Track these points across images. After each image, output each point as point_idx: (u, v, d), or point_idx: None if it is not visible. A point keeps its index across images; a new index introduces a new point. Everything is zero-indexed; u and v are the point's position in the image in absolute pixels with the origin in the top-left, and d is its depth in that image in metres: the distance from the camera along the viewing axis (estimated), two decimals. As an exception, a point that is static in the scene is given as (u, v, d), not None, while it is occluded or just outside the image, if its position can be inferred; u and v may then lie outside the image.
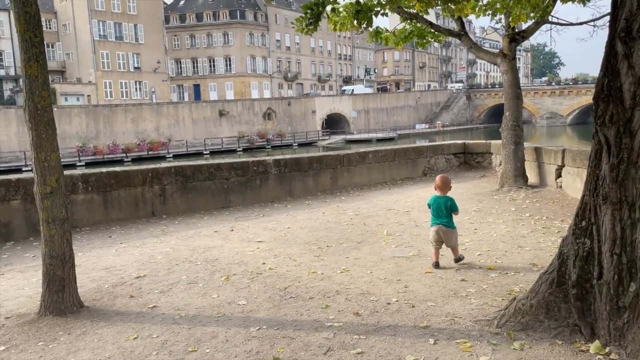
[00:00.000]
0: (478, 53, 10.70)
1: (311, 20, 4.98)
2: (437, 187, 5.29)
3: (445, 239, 5.11)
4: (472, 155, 13.37)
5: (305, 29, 5.20)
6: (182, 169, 8.38)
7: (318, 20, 5.05)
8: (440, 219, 5.15)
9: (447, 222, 5.14)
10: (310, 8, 4.93)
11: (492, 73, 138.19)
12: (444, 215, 5.16)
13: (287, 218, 8.00)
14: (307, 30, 5.22)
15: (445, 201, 5.20)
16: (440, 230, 5.10)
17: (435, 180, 5.40)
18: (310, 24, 5.03)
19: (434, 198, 5.28)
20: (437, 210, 5.19)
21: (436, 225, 5.14)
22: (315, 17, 4.93)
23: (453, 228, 5.18)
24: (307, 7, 4.98)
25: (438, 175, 5.45)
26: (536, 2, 4.85)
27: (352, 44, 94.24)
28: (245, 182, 9.15)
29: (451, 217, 5.20)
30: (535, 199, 8.66)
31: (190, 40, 72.30)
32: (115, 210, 7.73)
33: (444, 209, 5.17)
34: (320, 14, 4.95)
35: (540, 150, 9.76)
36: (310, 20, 4.97)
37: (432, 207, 5.26)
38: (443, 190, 5.27)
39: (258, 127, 60.41)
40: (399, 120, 78.16)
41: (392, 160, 11.88)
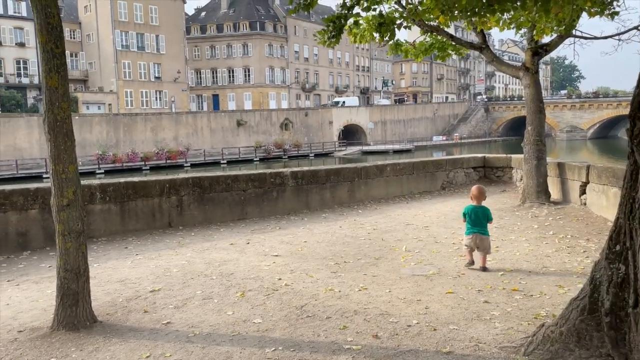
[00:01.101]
0: (499, 66, 10.54)
1: (333, 33, 4.90)
2: (474, 196, 5.71)
3: (481, 246, 5.51)
4: (492, 170, 13.14)
5: (327, 41, 5.12)
6: (199, 180, 8.35)
7: (340, 33, 4.97)
8: (477, 227, 5.54)
9: (483, 230, 5.55)
10: (332, 21, 4.86)
11: (511, 86, 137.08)
12: (481, 224, 5.55)
13: (303, 231, 7.90)
14: (329, 43, 5.15)
15: (483, 210, 5.62)
16: (478, 238, 5.49)
17: (471, 191, 5.85)
18: (332, 37, 4.96)
19: (471, 207, 5.65)
20: (476, 218, 5.56)
21: (473, 233, 5.53)
22: (337, 30, 4.86)
23: (488, 235, 5.60)
24: (330, 20, 4.91)
25: (474, 186, 5.91)
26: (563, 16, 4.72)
27: (370, 55, 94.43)
28: (262, 193, 9.09)
29: (486, 226, 5.61)
30: (559, 216, 8.42)
31: (211, 50, 73.19)
32: (132, 220, 7.71)
33: (482, 217, 5.58)
34: (342, 27, 4.87)
35: (564, 165, 9.53)
36: (333, 33, 4.89)
37: (468, 215, 5.61)
38: (479, 200, 5.67)
39: (275, 137, 60.64)
40: (416, 132, 77.82)
41: (411, 173, 11.73)
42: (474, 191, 5.74)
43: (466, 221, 5.66)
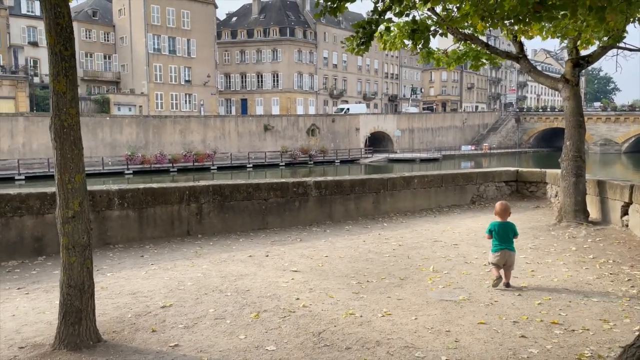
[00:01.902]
0: (537, 77, 10.04)
1: (363, 40, 4.57)
2: (498, 213, 5.62)
3: (509, 262, 5.42)
4: (525, 184, 12.57)
5: (356, 48, 4.80)
6: (220, 188, 8.12)
7: (370, 40, 4.64)
8: (505, 244, 5.45)
9: (511, 246, 5.49)
10: (362, 27, 4.52)
11: (544, 97, 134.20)
12: (509, 240, 5.47)
13: (325, 245, 7.57)
14: (358, 50, 4.81)
15: (510, 226, 5.56)
16: (507, 254, 5.41)
17: (495, 207, 5.75)
18: (362, 44, 4.62)
19: (497, 224, 5.56)
20: (504, 234, 5.48)
21: (501, 250, 5.42)
22: (367, 36, 4.53)
23: (514, 251, 5.52)
24: (359, 26, 4.56)
25: (498, 202, 5.79)
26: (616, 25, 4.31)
27: (400, 63, 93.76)
28: (284, 203, 8.80)
29: (513, 241, 5.54)
30: (598, 237, 7.88)
31: (240, 55, 73.80)
32: (150, 227, 7.52)
33: (509, 233, 5.51)
34: (372, 34, 4.54)
35: (604, 184, 8.96)
36: (362, 39, 4.56)
37: (495, 232, 5.51)
38: (503, 216, 5.59)
39: (301, 142, 60.57)
40: (444, 141, 76.73)
41: (439, 186, 11.28)
42: (498, 207, 5.67)
43: (492, 238, 5.55)
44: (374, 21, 4.42)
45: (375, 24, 4.42)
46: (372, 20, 4.44)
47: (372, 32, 4.51)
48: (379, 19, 4.41)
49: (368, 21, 4.49)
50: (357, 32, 4.59)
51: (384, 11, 4.34)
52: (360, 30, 4.54)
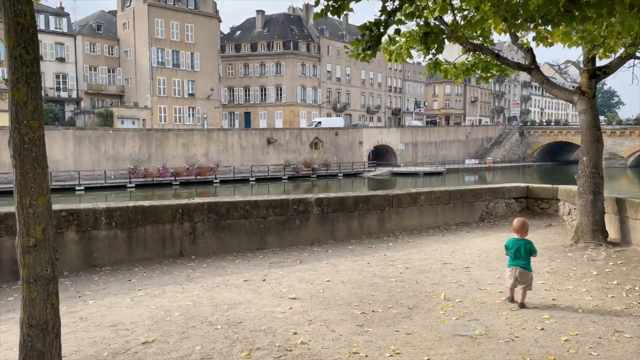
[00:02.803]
0: (551, 89, 9.58)
1: (370, 44, 4.10)
2: (515, 230, 5.49)
3: (521, 280, 5.28)
4: (536, 201, 12.06)
5: (361, 54, 4.33)
6: (215, 206, 7.65)
7: (378, 44, 4.17)
8: (517, 261, 5.33)
9: (524, 264, 5.32)
10: (369, 29, 4.05)
11: (547, 110, 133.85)
12: (522, 258, 5.33)
13: (327, 267, 7.07)
14: (364, 56, 4.34)
15: (525, 244, 5.39)
16: (517, 271, 5.28)
17: (512, 224, 5.63)
18: (368, 49, 4.15)
19: (512, 240, 5.45)
20: (517, 252, 5.36)
21: (513, 266, 5.33)
22: (374, 40, 4.06)
23: (530, 270, 5.34)
24: (365, 28, 4.08)
25: (516, 219, 5.65)
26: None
27: (403, 76, 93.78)
28: (284, 221, 8.32)
29: (529, 260, 5.38)
30: (620, 260, 7.35)
31: (244, 69, 73.91)
32: (139, 248, 7.04)
33: (523, 251, 5.35)
34: (381, 37, 4.08)
35: (624, 202, 8.44)
36: (369, 44, 4.10)
37: (510, 249, 5.42)
38: (521, 233, 5.45)
39: (304, 156, 60.23)
40: (447, 155, 76.28)
41: (447, 203, 10.78)
42: (515, 224, 5.56)
43: (508, 255, 5.49)
44: (382, 23, 3.96)
45: (384, 25, 3.96)
46: (379, 22, 3.98)
47: (380, 35, 4.05)
48: (388, 20, 3.95)
49: (375, 22, 4.01)
50: (362, 35, 4.12)
51: (394, 12, 3.88)
52: (366, 33, 4.07)
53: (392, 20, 3.92)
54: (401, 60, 10.63)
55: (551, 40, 5.96)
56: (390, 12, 3.85)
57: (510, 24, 3.73)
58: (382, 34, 4.03)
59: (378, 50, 4.38)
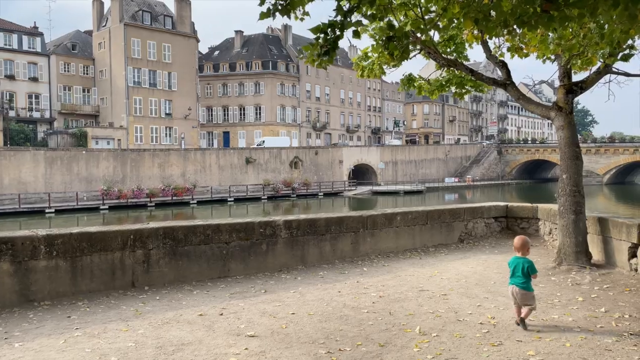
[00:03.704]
0: (527, 105, 9.25)
1: (325, 49, 3.61)
2: (516, 248, 5.41)
3: (520, 301, 5.16)
4: (516, 220, 11.67)
5: (317, 59, 3.82)
6: (172, 231, 7.02)
7: (335, 49, 3.67)
8: (515, 279, 5.24)
9: (522, 284, 5.19)
10: (323, 31, 3.56)
11: (524, 129, 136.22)
12: (520, 277, 5.20)
13: (293, 297, 6.48)
14: (320, 62, 3.84)
15: (524, 262, 5.26)
16: (514, 290, 5.20)
17: (514, 242, 5.51)
18: (324, 54, 3.65)
19: (514, 259, 5.38)
20: (514, 270, 5.28)
21: (511, 285, 5.27)
22: (330, 44, 3.57)
23: (529, 290, 5.19)
24: (319, 31, 3.58)
25: (517, 237, 5.56)
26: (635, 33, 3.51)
27: (382, 96, 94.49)
28: (249, 246, 7.72)
29: (529, 279, 5.22)
30: (606, 284, 6.92)
31: (223, 88, 73.53)
32: (85, 279, 6.36)
33: (521, 270, 5.22)
34: (337, 40, 3.58)
35: (606, 221, 8.07)
36: (324, 48, 3.61)
37: (510, 267, 5.36)
38: (522, 251, 5.36)
39: (284, 175, 59.70)
40: (427, 173, 76.55)
41: (424, 223, 10.31)
42: (516, 242, 5.45)
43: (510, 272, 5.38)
44: (338, 24, 3.47)
45: (340, 27, 3.48)
46: (335, 23, 3.48)
47: (336, 38, 3.56)
48: (344, 21, 3.47)
49: (330, 24, 3.53)
50: (317, 38, 3.62)
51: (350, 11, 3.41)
52: (321, 36, 3.58)
53: (349, 22, 3.44)
54: (373, 76, 10.28)
55: (526, 51, 5.60)
56: (347, 12, 3.37)
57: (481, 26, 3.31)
58: (338, 37, 3.54)
59: (335, 55, 3.89)
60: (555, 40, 4.59)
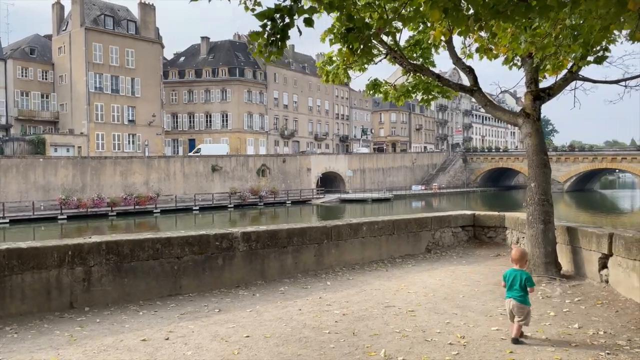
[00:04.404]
0: (494, 112, 9.05)
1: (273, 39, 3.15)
2: (514, 260, 5.27)
3: (516, 313, 5.01)
4: (483, 229, 11.47)
5: (264, 51, 3.34)
6: (116, 245, 6.41)
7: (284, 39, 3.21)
8: (512, 292, 5.09)
9: (519, 297, 5.04)
10: (270, 18, 3.08)
11: (488, 137, 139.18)
12: (517, 290, 5.06)
13: (249, 316, 5.96)
14: (269, 54, 3.37)
15: (521, 275, 5.12)
16: (512, 304, 5.05)
17: (511, 254, 5.37)
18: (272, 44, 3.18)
19: (510, 271, 5.22)
20: (512, 283, 5.13)
21: (509, 298, 5.12)
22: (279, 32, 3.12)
23: (527, 304, 5.04)
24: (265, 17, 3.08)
25: (515, 249, 5.42)
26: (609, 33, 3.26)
27: (350, 104, 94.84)
28: (204, 261, 7.16)
29: (526, 293, 5.08)
30: (577, 297, 6.67)
31: (188, 95, 72.23)
32: (15, 301, 5.69)
33: (519, 283, 5.08)
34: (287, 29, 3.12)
35: (575, 231, 7.87)
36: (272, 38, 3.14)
37: (507, 279, 5.20)
38: (520, 263, 5.23)
39: (251, 183, 58.87)
40: (395, 181, 76.99)
41: (391, 233, 9.95)
42: (514, 254, 5.32)
43: (505, 286, 5.25)
44: (286, 10, 3.03)
45: (289, 13, 3.02)
46: (283, 9, 3.04)
47: (286, 26, 3.11)
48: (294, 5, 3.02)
49: (277, 9, 3.05)
50: (263, 25, 3.14)
51: (301, -5, 2.98)
52: (268, 23, 3.11)
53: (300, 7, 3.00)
54: (338, 81, 9.94)
55: (496, 52, 5.31)
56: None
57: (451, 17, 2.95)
58: (288, 25, 3.09)
59: (286, 46, 3.44)
60: (529, 39, 4.31)
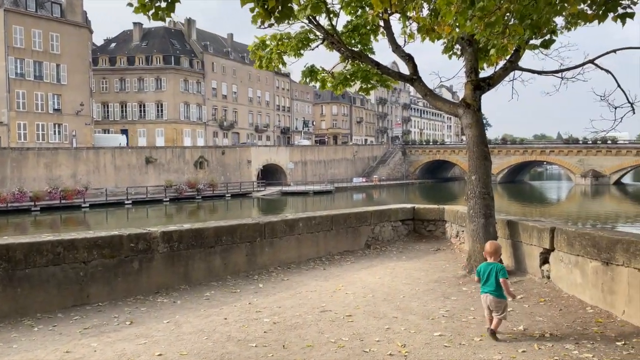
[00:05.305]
0: (434, 102, 8.70)
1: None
2: (488, 253, 5.17)
3: (494, 308, 4.91)
4: (423, 223, 11.21)
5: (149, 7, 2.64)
6: (6, 250, 5.44)
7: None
8: (487, 287, 4.99)
9: (495, 291, 4.93)
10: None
11: (426, 130, 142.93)
12: (493, 284, 4.95)
13: (166, 329, 5.22)
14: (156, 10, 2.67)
15: (497, 269, 5.02)
16: (488, 299, 4.94)
17: (485, 248, 5.26)
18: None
19: (484, 265, 5.12)
20: (487, 277, 5.01)
21: (484, 293, 5.01)
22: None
23: (503, 298, 4.94)
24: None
25: (489, 242, 5.36)
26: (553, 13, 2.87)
27: (291, 95, 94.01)
28: (116, 265, 6.30)
29: (499, 286, 4.94)
30: (519, 294, 6.40)
31: (120, 83, 68.67)
32: None
33: (494, 277, 4.97)
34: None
35: (516, 225, 7.66)
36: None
37: (480, 274, 5.10)
38: (494, 257, 5.12)
39: (188, 176, 56.90)
40: (336, 173, 77.16)
41: (329, 229, 9.43)
42: (488, 247, 5.20)
43: (480, 280, 5.11)
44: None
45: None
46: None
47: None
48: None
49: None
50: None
51: None
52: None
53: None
54: (272, 67, 9.29)
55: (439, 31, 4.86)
56: None
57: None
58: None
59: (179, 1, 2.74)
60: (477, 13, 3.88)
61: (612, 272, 5.34)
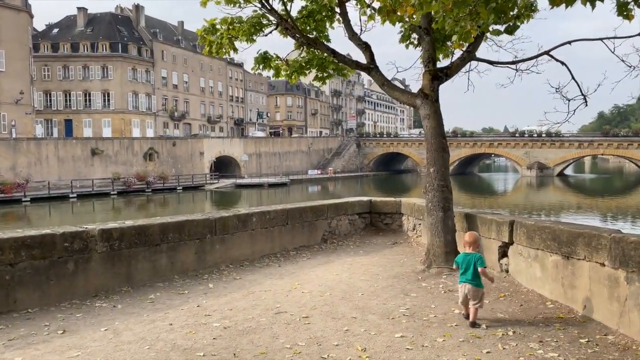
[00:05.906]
0: (392, 92, 8.46)
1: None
2: (467, 244, 5.24)
3: (471, 297, 4.99)
4: (380, 216, 11.03)
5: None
6: None
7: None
8: (466, 276, 5.07)
9: (473, 280, 5.03)
10: None
11: (379, 123, 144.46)
12: (471, 274, 5.04)
13: (103, 338, 4.71)
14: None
15: (475, 258, 5.10)
16: (466, 288, 5.03)
17: (464, 238, 5.38)
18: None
19: (462, 255, 5.21)
20: (466, 267, 5.09)
21: (463, 283, 5.08)
22: None
23: (480, 287, 5.04)
24: None
25: (468, 232, 5.48)
26: None
27: (245, 86, 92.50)
28: (48, 267, 5.70)
29: (478, 275, 5.06)
30: (479, 289, 6.26)
31: (64, 71, 65.31)
32: None
33: (472, 267, 5.06)
34: None
35: (474, 217, 7.54)
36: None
37: (460, 264, 5.16)
38: (473, 247, 5.19)
39: (137, 168, 54.96)
40: (291, 165, 76.68)
41: (284, 224, 9.06)
42: (467, 238, 5.32)
43: (459, 270, 5.19)
44: None
45: None
46: None
47: None
48: None
49: None
50: None
51: None
52: None
53: None
54: (223, 53, 8.80)
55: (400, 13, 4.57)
56: None
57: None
58: None
59: None
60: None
61: (573, 266, 5.25)
